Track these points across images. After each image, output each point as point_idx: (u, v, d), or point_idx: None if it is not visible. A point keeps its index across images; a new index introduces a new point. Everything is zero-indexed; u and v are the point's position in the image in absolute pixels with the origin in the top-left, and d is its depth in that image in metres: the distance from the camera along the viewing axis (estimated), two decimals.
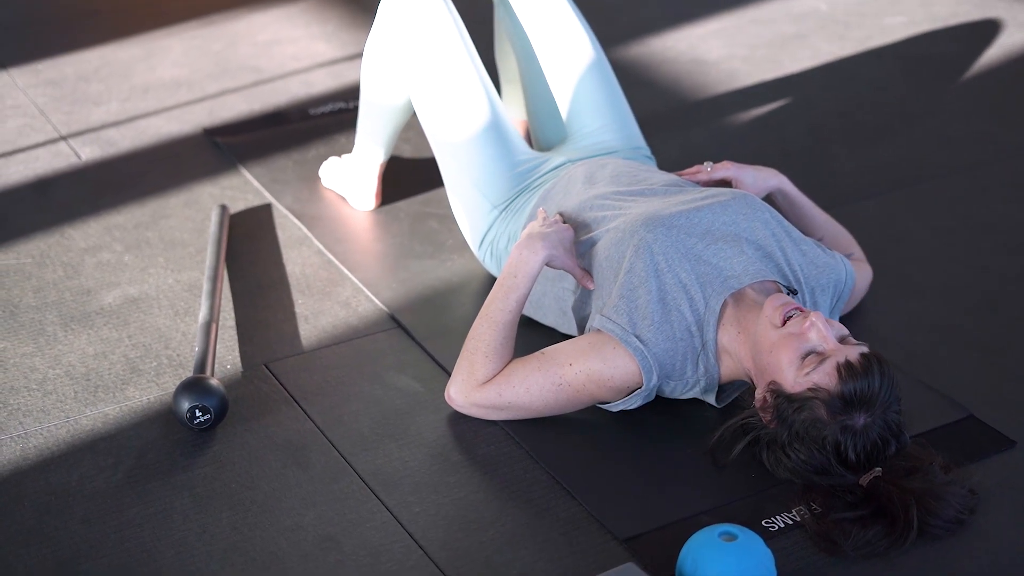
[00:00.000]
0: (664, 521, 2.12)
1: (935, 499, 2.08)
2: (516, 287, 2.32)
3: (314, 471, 2.24)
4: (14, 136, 3.35)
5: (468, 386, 2.28)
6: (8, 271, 2.80)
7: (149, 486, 2.21)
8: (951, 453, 2.23)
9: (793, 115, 3.48)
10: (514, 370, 2.28)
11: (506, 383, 2.27)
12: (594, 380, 2.24)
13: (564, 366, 2.25)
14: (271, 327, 2.62)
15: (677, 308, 2.25)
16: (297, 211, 3.01)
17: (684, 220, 2.32)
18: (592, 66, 2.77)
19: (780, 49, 3.84)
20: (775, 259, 2.32)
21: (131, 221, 2.99)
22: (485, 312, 2.32)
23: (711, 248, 2.29)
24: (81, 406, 2.39)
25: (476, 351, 2.29)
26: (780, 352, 2.14)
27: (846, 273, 2.38)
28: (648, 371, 2.22)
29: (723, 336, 2.25)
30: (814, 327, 2.13)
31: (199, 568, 2.04)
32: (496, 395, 2.26)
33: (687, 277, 2.27)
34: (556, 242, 2.34)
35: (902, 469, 2.12)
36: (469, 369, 2.29)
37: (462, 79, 2.63)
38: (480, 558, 2.06)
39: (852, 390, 2.06)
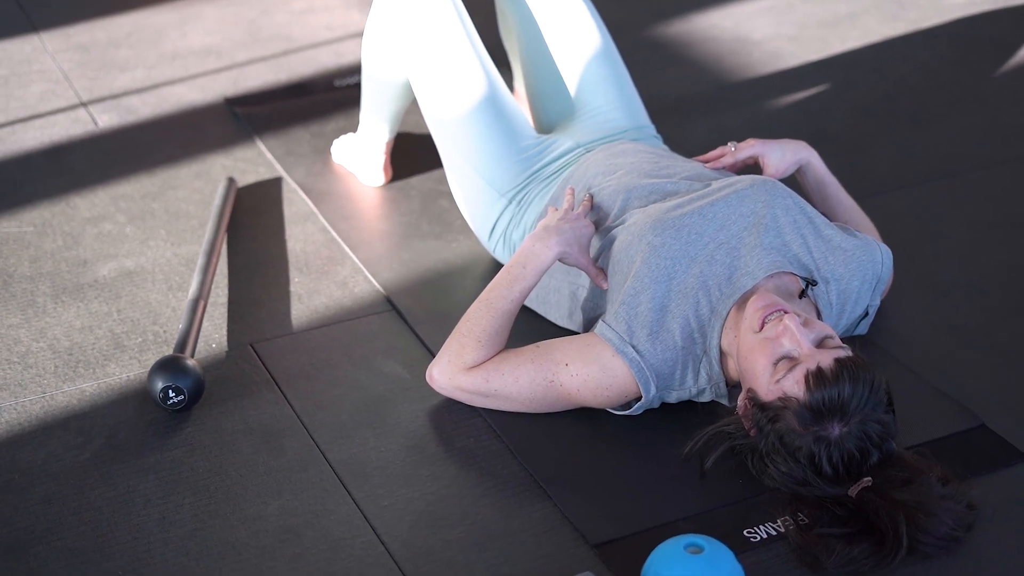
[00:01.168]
0: (640, 527, 2.01)
1: (927, 514, 1.94)
2: (523, 278, 2.22)
3: (285, 458, 2.16)
4: (35, 101, 3.31)
5: (454, 368, 2.19)
6: (8, 239, 2.75)
7: (115, 467, 2.14)
8: (957, 464, 2.10)
9: (835, 98, 3.33)
10: (506, 358, 2.19)
11: (495, 370, 2.18)
12: (590, 387, 2.14)
13: (560, 364, 2.15)
14: (263, 305, 2.55)
15: (681, 315, 2.14)
16: (307, 186, 2.93)
17: (697, 219, 2.20)
18: (596, 43, 2.67)
19: (830, 29, 3.68)
20: (794, 249, 2.19)
21: (139, 191, 2.93)
22: (486, 297, 2.22)
23: (724, 247, 2.17)
24: (59, 381, 2.33)
25: (469, 334, 2.19)
26: (755, 357, 2.03)
27: (881, 253, 2.28)
28: (645, 383, 2.12)
29: (725, 340, 2.13)
30: (787, 331, 2.01)
31: (153, 556, 1.97)
32: (483, 381, 2.17)
33: (695, 282, 2.15)
34: (572, 239, 2.24)
35: (897, 480, 1.99)
36: (458, 351, 2.19)
37: (460, 59, 2.53)
38: (443, 558, 1.97)
39: (820, 399, 1.94)
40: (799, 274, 2.16)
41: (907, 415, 2.21)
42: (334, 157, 3.03)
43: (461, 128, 2.54)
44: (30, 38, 3.64)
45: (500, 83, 2.57)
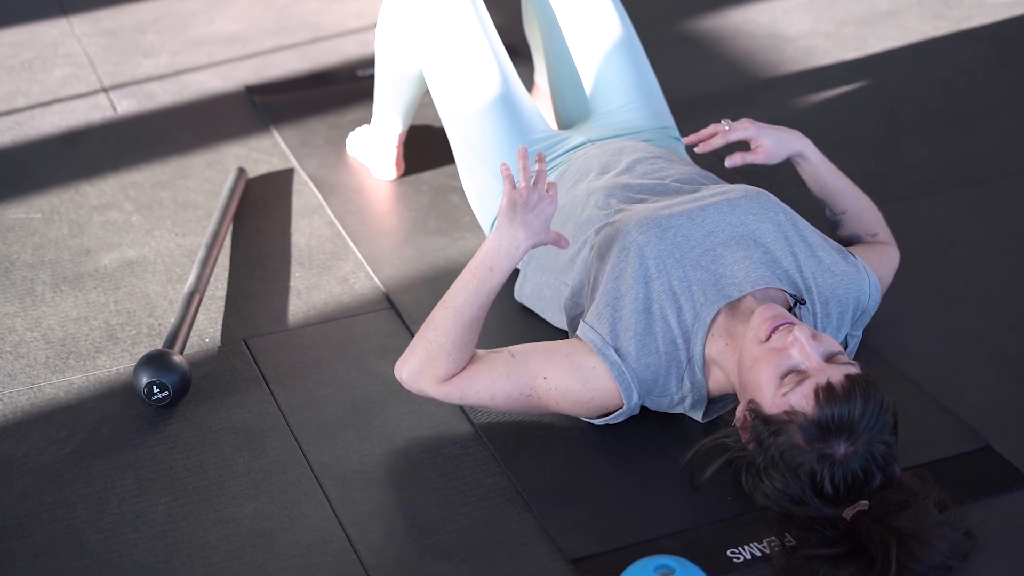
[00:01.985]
0: (621, 543, 1.95)
1: (921, 541, 1.86)
2: (490, 281, 2.05)
3: (266, 459, 2.13)
4: (57, 86, 3.30)
5: (425, 380, 2.08)
6: (15, 226, 2.74)
7: (95, 463, 2.12)
8: (959, 486, 2.03)
9: (867, 98, 3.24)
10: (479, 372, 2.08)
11: (469, 386, 2.08)
12: (568, 400, 2.07)
13: (537, 378, 2.07)
14: (261, 300, 2.51)
15: (663, 318, 2.07)
16: (318, 178, 2.89)
17: (684, 221, 2.13)
18: (619, 41, 2.59)
19: (868, 27, 3.58)
20: (784, 265, 2.12)
21: (149, 180, 2.90)
22: (453, 304, 2.06)
23: (711, 253, 2.10)
24: (49, 373, 2.31)
25: (438, 346, 2.05)
26: (760, 369, 1.95)
27: (870, 284, 2.16)
28: (627, 390, 2.05)
29: (712, 348, 2.06)
30: (797, 343, 1.93)
31: (122, 556, 1.95)
32: (458, 396, 2.09)
33: (679, 285, 2.08)
34: (539, 228, 2.06)
35: (893, 504, 1.91)
36: (428, 363, 2.06)
37: (473, 50, 2.47)
38: (414, 568, 1.93)
39: (829, 416, 1.86)
40: (788, 291, 2.09)
41: (910, 433, 2.15)
42: (348, 149, 2.99)
43: (472, 122, 2.48)
44: (59, 22, 3.63)
45: (513, 77, 2.51)
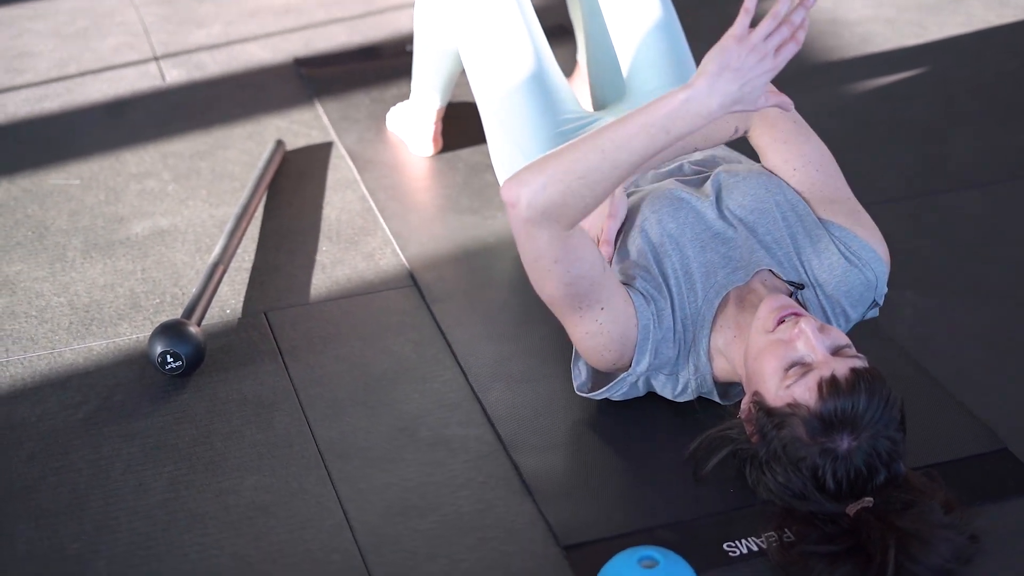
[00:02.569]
0: (617, 532, 1.93)
1: (922, 542, 1.82)
2: (661, 142, 1.81)
3: (272, 432, 2.13)
4: (110, 54, 3.33)
5: (548, 221, 1.84)
6: (53, 191, 2.77)
7: (104, 430, 2.14)
8: (970, 487, 1.98)
9: (921, 86, 3.16)
10: (584, 258, 1.91)
11: (574, 260, 1.90)
12: (599, 339, 1.98)
13: (598, 304, 1.96)
14: (285, 273, 2.51)
15: (679, 296, 2.04)
16: (355, 152, 2.89)
17: (696, 201, 2.09)
18: (657, 23, 2.55)
19: (931, 13, 3.50)
20: (784, 248, 2.08)
21: (189, 149, 2.92)
22: (614, 157, 1.82)
23: (719, 238, 2.07)
24: (70, 338, 2.34)
25: (579, 196, 1.83)
26: (765, 360, 1.92)
27: (876, 276, 2.10)
28: (641, 355, 2.01)
29: (719, 338, 2.03)
30: (802, 335, 1.89)
31: (120, 523, 1.96)
32: (553, 256, 1.88)
33: (692, 265, 2.05)
34: (736, 96, 1.78)
35: (898, 502, 1.86)
36: (562, 207, 1.83)
37: (507, 28, 2.45)
38: (407, 547, 1.92)
39: (832, 409, 1.82)
40: (785, 278, 2.05)
41: (926, 431, 2.11)
42: (388, 124, 2.98)
43: (502, 100, 2.46)
44: None
45: (547, 57, 2.48)
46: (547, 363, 2.22)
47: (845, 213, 2.11)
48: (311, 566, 1.89)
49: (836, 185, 2.14)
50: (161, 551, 1.91)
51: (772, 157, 2.14)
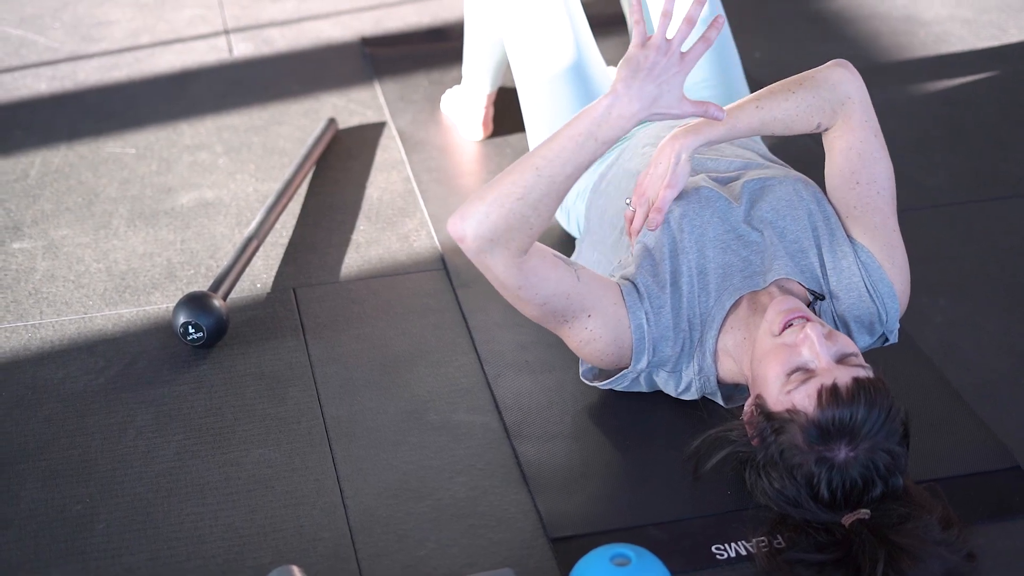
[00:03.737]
0: (606, 527, 1.93)
1: (912, 558, 1.78)
2: (591, 151, 1.83)
3: (284, 407, 2.16)
4: (183, 26, 3.39)
5: (497, 251, 1.85)
6: (109, 159, 2.83)
7: (122, 396, 2.18)
8: (975, 504, 1.94)
9: (989, 91, 3.09)
10: (550, 276, 1.92)
11: (535, 284, 1.91)
12: (594, 347, 2.00)
13: (583, 314, 1.97)
14: (319, 250, 2.54)
15: (690, 295, 2.02)
16: (406, 133, 2.91)
17: (722, 202, 2.07)
18: (703, 16, 2.52)
19: (1011, 15, 3.41)
20: (809, 258, 2.04)
21: (245, 123, 2.96)
22: (547, 172, 1.83)
23: (741, 241, 2.05)
24: (103, 304, 2.39)
25: (522, 218, 1.83)
26: (769, 363, 1.89)
27: (886, 312, 2.03)
28: (640, 353, 2.00)
29: (728, 339, 2.00)
30: (807, 340, 1.86)
31: (124, 488, 2.01)
32: (516, 285, 1.90)
33: (709, 265, 2.03)
34: (655, 98, 1.82)
35: (894, 516, 1.83)
36: (507, 233, 1.84)
37: (548, 18, 2.44)
38: (397, 530, 1.93)
39: (830, 418, 1.79)
40: (807, 286, 2.01)
41: (939, 442, 2.08)
42: (442, 107, 2.99)
43: (541, 89, 2.46)
44: None
45: (588, 48, 2.47)
46: (562, 354, 2.21)
47: (881, 244, 2.04)
48: (299, 542, 1.91)
49: (887, 212, 2.06)
50: (158, 518, 1.95)
51: (841, 163, 2.05)
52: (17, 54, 3.24)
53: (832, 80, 2.02)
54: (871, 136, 2.03)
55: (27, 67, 3.18)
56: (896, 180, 2.64)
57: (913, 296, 2.34)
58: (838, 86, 2.01)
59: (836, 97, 2.01)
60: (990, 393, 2.18)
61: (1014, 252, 2.52)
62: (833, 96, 2.01)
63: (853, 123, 2.02)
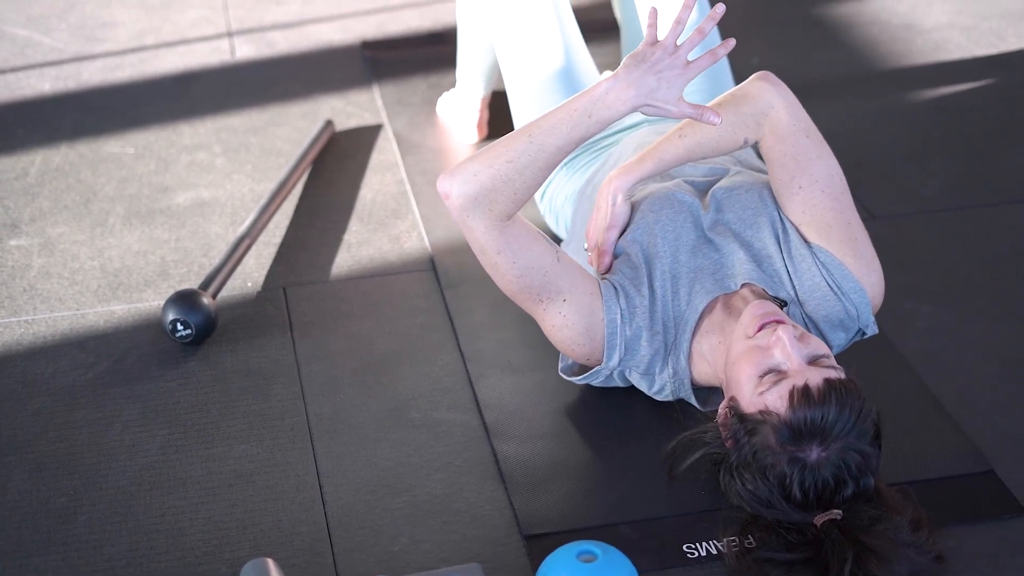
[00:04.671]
0: (579, 525, 1.95)
1: (880, 559, 1.80)
2: (584, 128, 1.89)
3: (268, 404, 2.19)
4: (186, 27, 3.43)
5: (479, 211, 1.91)
6: (108, 158, 2.87)
7: (110, 391, 2.22)
8: (949, 508, 1.96)
9: (985, 99, 3.10)
10: (531, 246, 1.96)
11: (516, 249, 1.95)
12: (565, 332, 2.03)
13: (559, 297, 2.00)
14: (311, 250, 2.58)
15: (663, 298, 2.05)
16: (401, 136, 2.94)
17: (696, 206, 2.10)
18: (693, 23, 2.54)
19: (1012, 23, 3.42)
20: (775, 264, 2.06)
21: (244, 125, 3.00)
22: (539, 140, 1.89)
23: (710, 245, 2.07)
24: (95, 301, 2.43)
25: (507, 180, 1.89)
26: (742, 365, 1.92)
27: (856, 308, 2.05)
28: (611, 350, 2.03)
29: (703, 342, 2.03)
30: (780, 342, 1.88)
31: (108, 481, 2.04)
32: (495, 248, 1.94)
33: (680, 268, 2.06)
34: (652, 90, 1.87)
35: (865, 517, 1.85)
36: (490, 193, 1.89)
37: (538, 23, 2.47)
38: (374, 526, 1.96)
39: (802, 419, 1.81)
40: (771, 293, 2.04)
41: (915, 446, 2.09)
42: (438, 110, 3.02)
43: (531, 96, 2.49)
44: None
45: (578, 54, 2.49)
46: (544, 354, 2.24)
47: (840, 240, 2.04)
48: (277, 536, 1.94)
49: (838, 209, 2.06)
50: (140, 511, 1.99)
51: (779, 172, 2.07)
52: (22, 54, 3.28)
53: (751, 94, 2.04)
54: (802, 139, 2.04)
55: (32, 67, 3.22)
56: (887, 186, 2.67)
57: (897, 301, 2.36)
58: (758, 99, 2.03)
59: (758, 110, 2.03)
60: (969, 399, 2.19)
61: (1002, 260, 2.53)
62: (755, 109, 2.03)
63: (781, 131, 2.03)
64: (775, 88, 2.04)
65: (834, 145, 2.09)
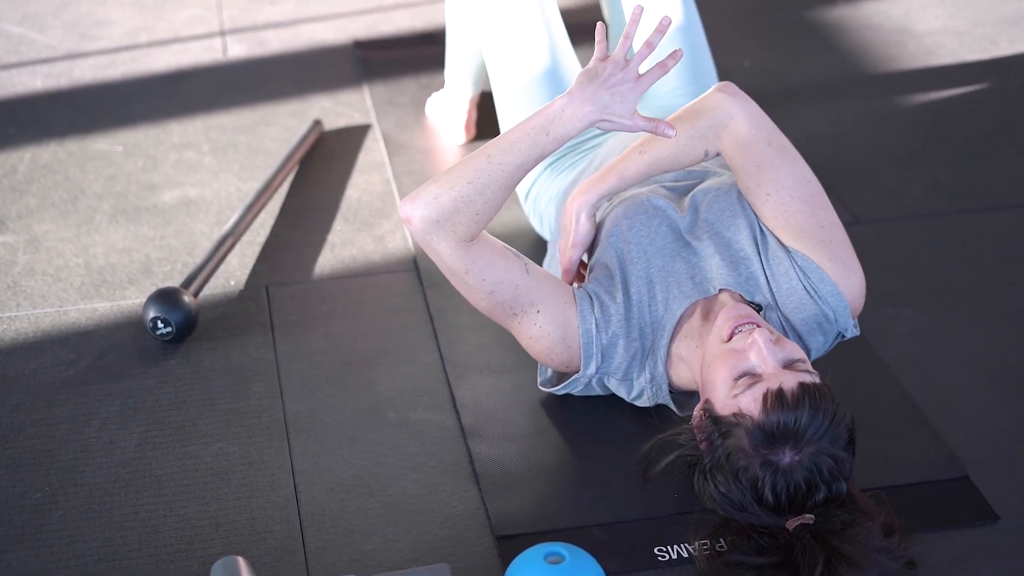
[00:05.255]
0: (551, 527, 1.95)
1: (851, 564, 1.80)
2: (543, 145, 1.90)
3: (246, 402, 2.20)
4: (180, 26, 3.44)
5: (443, 233, 1.92)
6: (96, 156, 2.88)
7: (90, 388, 2.23)
8: (923, 513, 1.97)
9: (976, 104, 3.10)
10: (497, 262, 1.98)
11: (482, 268, 1.96)
12: (542, 343, 2.03)
13: (532, 308, 2.01)
14: (295, 249, 2.58)
15: (639, 304, 2.05)
16: (389, 136, 2.94)
17: (671, 211, 2.10)
18: (678, 24, 2.54)
19: (1005, 28, 3.41)
20: (752, 267, 2.06)
21: (233, 123, 3.01)
22: (498, 160, 1.90)
23: (688, 249, 2.07)
24: (78, 298, 2.44)
25: (468, 201, 1.90)
26: (717, 368, 1.92)
27: (833, 311, 2.03)
28: (588, 359, 2.03)
29: (682, 346, 2.03)
30: (755, 345, 1.88)
31: (83, 477, 2.05)
32: (463, 268, 1.96)
33: (656, 274, 2.06)
34: (607, 105, 1.88)
35: (837, 522, 1.85)
36: (453, 215, 1.91)
37: (524, 24, 2.47)
38: (346, 525, 1.97)
39: (775, 422, 1.81)
40: (746, 297, 2.03)
41: (891, 451, 2.10)
42: (427, 111, 3.03)
43: (517, 96, 2.49)
44: None
45: (566, 55, 2.50)
46: (523, 357, 2.23)
47: (815, 243, 2.03)
48: (250, 534, 1.94)
49: (811, 212, 2.05)
50: (114, 508, 1.99)
51: (745, 180, 2.07)
52: (16, 51, 3.29)
53: (709, 107, 2.04)
54: (764, 146, 2.04)
55: (24, 64, 3.23)
56: (874, 190, 2.67)
57: (879, 306, 2.36)
58: (716, 111, 2.03)
59: (716, 122, 2.03)
60: (947, 404, 2.19)
61: (985, 266, 2.52)
62: (713, 122, 2.03)
63: (741, 141, 2.04)
64: (734, 99, 2.05)
65: (821, 148, 2.10)
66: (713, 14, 3.32)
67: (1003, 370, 2.27)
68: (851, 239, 2.08)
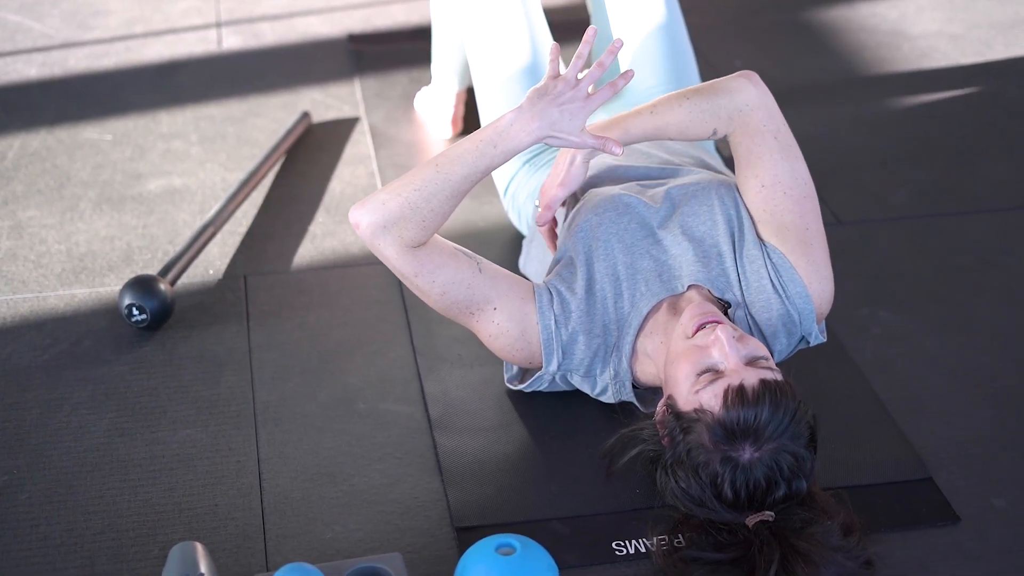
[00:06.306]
0: (511, 519, 1.96)
1: (808, 563, 1.80)
2: (490, 157, 1.92)
3: (216, 390, 2.21)
4: (177, 17, 3.45)
5: (389, 238, 1.94)
6: (85, 144, 2.90)
7: (64, 373, 2.24)
8: (885, 514, 1.97)
9: (966, 107, 3.09)
10: (447, 264, 1.99)
11: (431, 271, 1.98)
12: (502, 340, 2.04)
13: (488, 306, 2.02)
14: (276, 240, 2.59)
15: (603, 301, 2.05)
16: (377, 129, 2.95)
17: (641, 207, 2.10)
18: (660, 23, 2.54)
19: (1000, 32, 3.40)
20: (724, 263, 2.06)
21: (223, 114, 3.02)
22: (446, 170, 1.93)
23: (658, 246, 2.07)
24: (58, 284, 2.45)
25: (414, 208, 1.92)
26: (680, 364, 1.92)
27: (799, 313, 2.04)
28: (549, 356, 2.04)
29: (648, 343, 2.03)
30: (717, 342, 1.89)
31: (51, 461, 2.06)
32: (412, 272, 1.97)
33: (623, 271, 2.06)
34: (555, 122, 1.90)
35: (796, 520, 1.85)
36: (399, 222, 1.92)
37: (506, 20, 2.48)
38: (308, 514, 1.98)
39: (735, 418, 1.82)
40: (716, 294, 2.04)
41: (857, 451, 2.10)
42: (415, 105, 3.04)
43: (498, 92, 2.50)
44: None
45: (546, 50, 2.50)
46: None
47: (795, 243, 2.03)
48: (212, 520, 1.96)
49: (798, 212, 2.05)
50: (80, 491, 2.01)
51: (744, 167, 2.08)
52: (12, 39, 3.32)
53: (730, 89, 2.04)
54: (770, 139, 2.04)
55: (19, 52, 3.26)
56: (858, 192, 2.66)
57: (853, 307, 2.36)
58: (736, 94, 2.03)
59: (733, 105, 2.03)
60: (915, 407, 2.19)
61: (963, 270, 2.52)
62: (729, 104, 2.03)
63: (751, 128, 2.04)
64: (756, 88, 2.05)
65: (809, 149, 2.10)
66: (711, 16, 3.33)
67: (970, 375, 2.26)
68: (831, 240, 2.09)
